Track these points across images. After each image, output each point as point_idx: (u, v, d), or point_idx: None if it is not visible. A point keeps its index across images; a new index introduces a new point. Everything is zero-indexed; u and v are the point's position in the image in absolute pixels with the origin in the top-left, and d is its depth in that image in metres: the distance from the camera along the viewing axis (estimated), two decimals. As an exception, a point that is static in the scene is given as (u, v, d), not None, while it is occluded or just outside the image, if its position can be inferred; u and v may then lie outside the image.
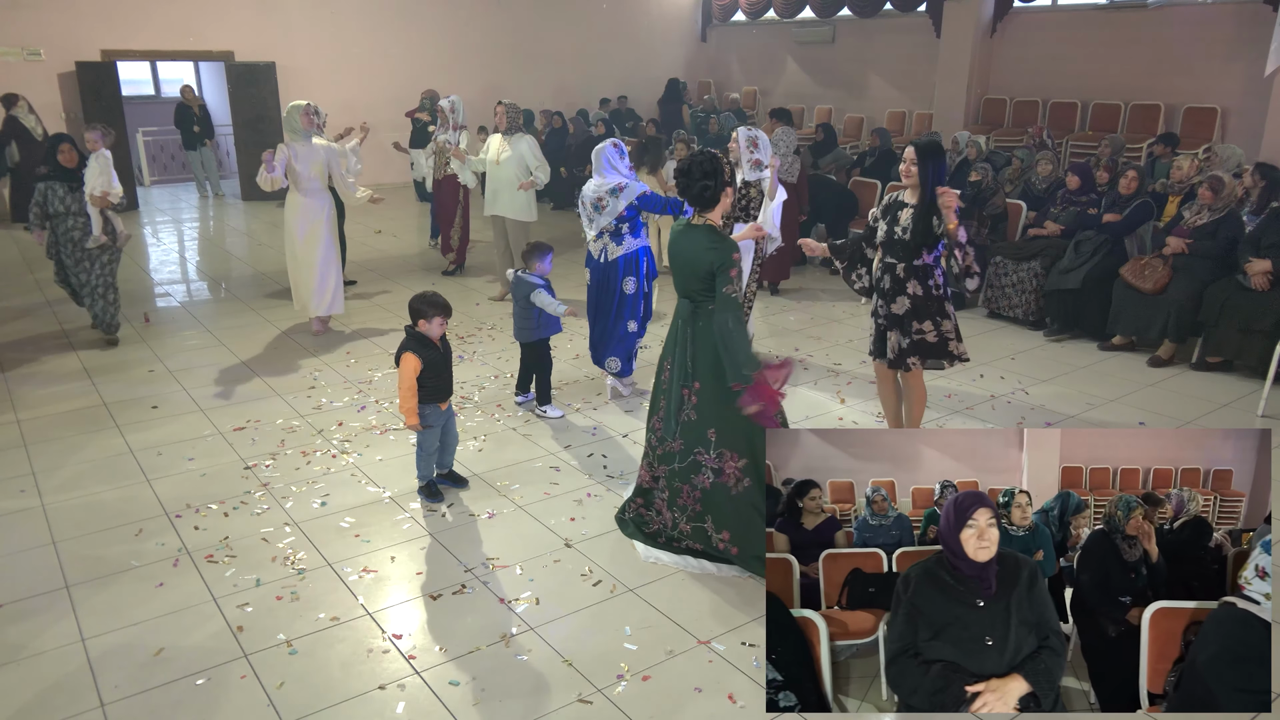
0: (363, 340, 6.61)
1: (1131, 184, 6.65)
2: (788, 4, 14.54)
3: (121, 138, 11.66)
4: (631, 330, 5.35)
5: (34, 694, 2.97)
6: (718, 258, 3.44)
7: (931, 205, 4.13)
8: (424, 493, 4.25)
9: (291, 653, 3.16)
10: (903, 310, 4.31)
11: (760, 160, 5.69)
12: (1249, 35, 9.71)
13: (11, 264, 8.90)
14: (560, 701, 2.93)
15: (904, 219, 4.23)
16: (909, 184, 4.24)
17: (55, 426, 5.07)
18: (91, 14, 11.28)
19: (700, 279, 3.52)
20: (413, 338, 4.05)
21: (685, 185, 3.54)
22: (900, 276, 4.29)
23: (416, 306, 4.06)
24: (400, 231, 10.77)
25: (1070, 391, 5.68)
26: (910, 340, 4.33)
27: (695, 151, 3.61)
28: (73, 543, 3.87)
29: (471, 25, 14.10)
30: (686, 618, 3.36)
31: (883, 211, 4.38)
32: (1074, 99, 11.33)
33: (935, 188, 4.11)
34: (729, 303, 3.43)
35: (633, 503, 3.97)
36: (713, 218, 3.58)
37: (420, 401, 4.04)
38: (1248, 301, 5.65)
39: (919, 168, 4.13)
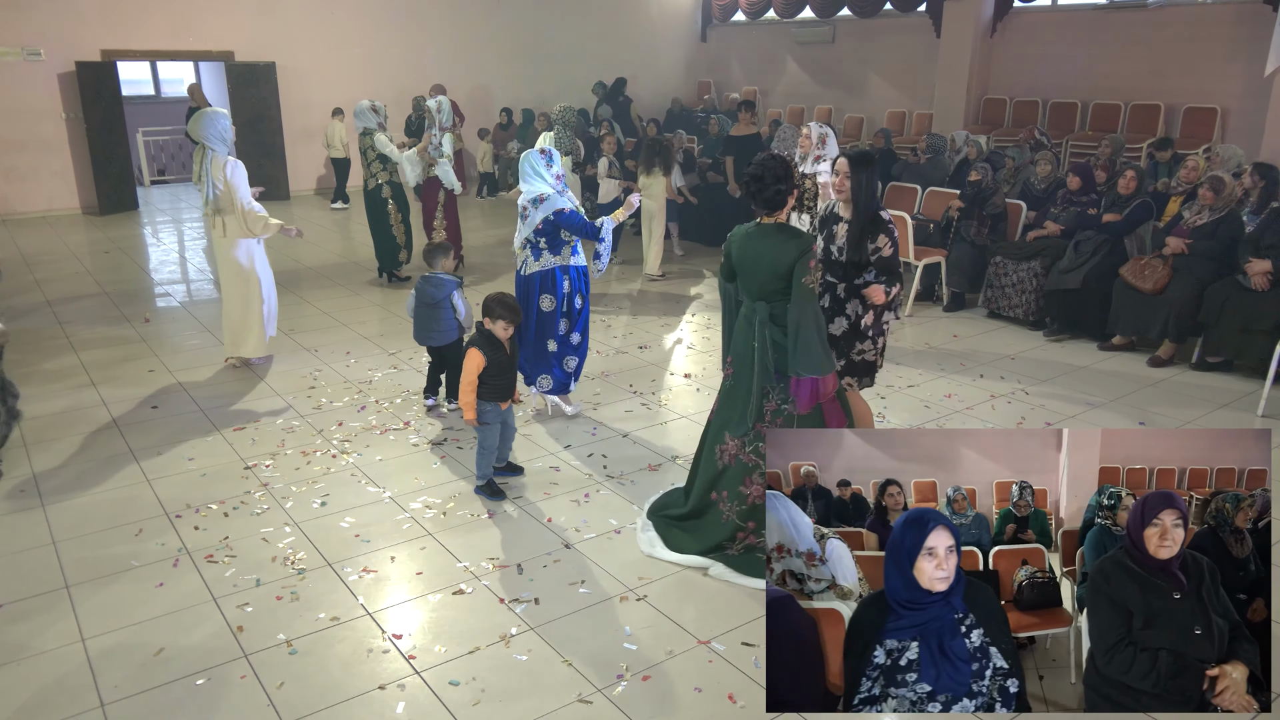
0: (363, 340, 6.61)
1: (1131, 184, 6.65)
2: (788, 4, 14.54)
3: (121, 138, 11.68)
4: (553, 350, 5.03)
5: (34, 694, 2.97)
6: (798, 248, 3.47)
7: (867, 224, 4.02)
8: (484, 491, 4.25)
9: (291, 653, 3.16)
10: (839, 331, 4.18)
11: (823, 155, 5.94)
12: (1249, 35, 9.71)
13: (11, 264, 8.90)
14: (560, 701, 2.93)
15: (839, 235, 4.12)
16: (841, 198, 4.12)
17: (55, 426, 5.07)
18: (91, 14, 11.28)
19: (780, 277, 3.52)
20: (482, 335, 4.08)
21: (758, 189, 3.54)
22: (840, 297, 4.16)
23: (488, 304, 4.09)
24: (400, 231, 10.76)
25: (1070, 391, 5.68)
26: (848, 360, 4.21)
27: (765, 155, 3.62)
28: (73, 543, 3.87)
29: (471, 25, 14.10)
30: (686, 618, 3.36)
31: (820, 224, 4.24)
32: (1074, 99, 11.33)
33: (867, 207, 4.01)
34: (808, 294, 3.46)
35: (741, 530, 3.72)
36: (779, 218, 3.62)
37: (480, 398, 4.08)
38: (1248, 301, 5.65)
39: (852, 180, 4.02)
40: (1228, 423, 5.22)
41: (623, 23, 15.68)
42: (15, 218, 11.23)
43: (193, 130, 5.62)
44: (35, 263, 8.93)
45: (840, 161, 4.08)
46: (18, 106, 11.02)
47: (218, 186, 5.54)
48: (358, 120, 7.68)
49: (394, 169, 7.93)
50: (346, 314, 7.31)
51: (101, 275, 8.48)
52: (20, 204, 11.35)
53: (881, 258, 4.03)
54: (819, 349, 3.47)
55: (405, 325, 6.96)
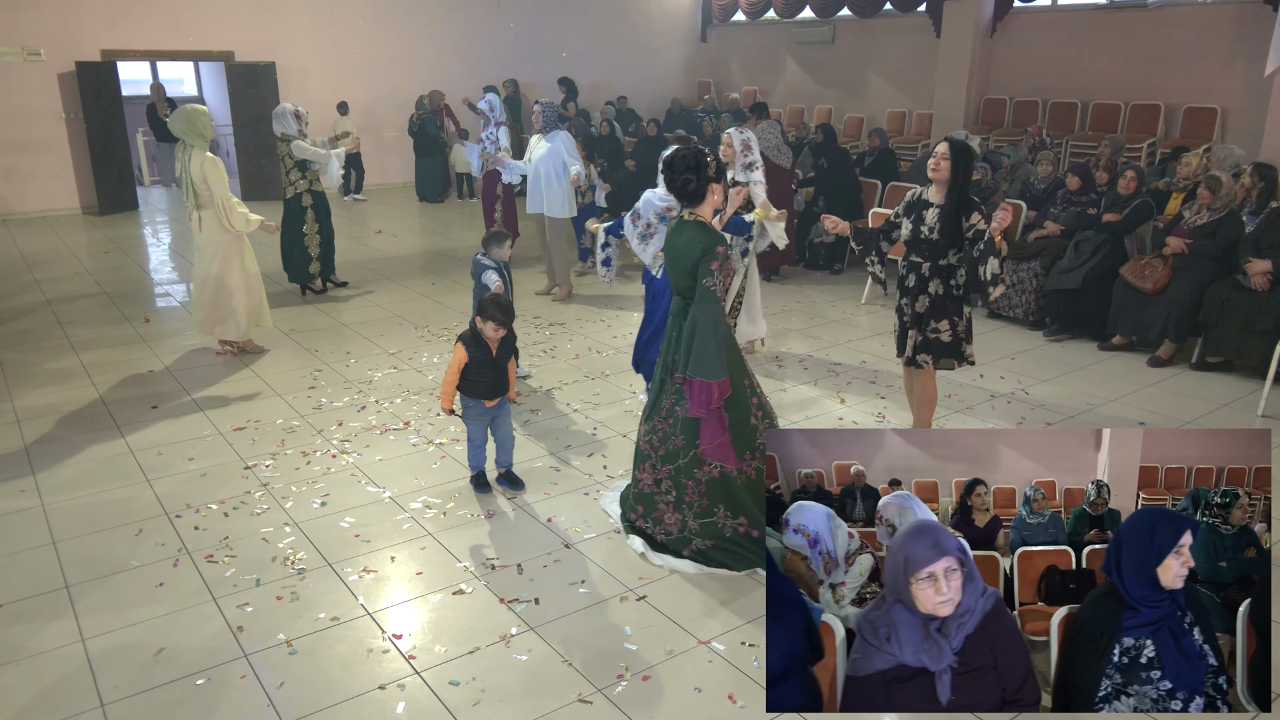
0: (362, 340, 6.61)
1: (1131, 184, 6.65)
2: (788, 4, 14.54)
3: (121, 138, 11.68)
4: None
5: (34, 694, 2.97)
6: (701, 246, 3.41)
7: (959, 206, 4.15)
8: (473, 483, 4.34)
9: (291, 653, 3.16)
10: (923, 309, 4.36)
11: (753, 162, 5.80)
12: (1249, 35, 9.71)
13: (12, 264, 8.90)
14: (560, 701, 2.93)
15: (929, 218, 4.25)
16: (937, 179, 4.22)
17: (55, 426, 5.07)
18: (91, 14, 11.28)
19: (689, 274, 3.49)
20: (471, 331, 4.10)
21: (669, 179, 3.53)
22: (925, 275, 4.33)
23: (482, 303, 4.08)
24: (400, 231, 10.77)
25: (1070, 391, 5.68)
26: (924, 338, 4.38)
27: (682, 147, 3.60)
28: (73, 543, 3.87)
29: (471, 25, 14.11)
30: (686, 618, 3.36)
31: (905, 210, 4.39)
32: (1074, 99, 11.33)
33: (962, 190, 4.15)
34: (707, 296, 3.42)
35: (633, 511, 3.91)
36: (702, 213, 3.56)
37: (463, 392, 4.13)
38: (1248, 301, 5.65)
39: (951, 164, 4.14)
40: (1228, 423, 5.22)
41: (623, 22, 15.68)
42: (15, 218, 11.23)
43: (173, 126, 5.73)
44: (35, 263, 8.93)
45: (941, 146, 4.21)
46: (18, 106, 11.02)
47: (195, 182, 5.67)
48: (276, 124, 7.23)
49: (314, 177, 7.46)
50: (347, 313, 7.31)
51: (101, 275, 8.48)
52: (20, 204, 11.34)
53: (977, 231, 4.16)
54: (713, 352, 3.39)
55: (405, 325, 6.97)
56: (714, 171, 3.52)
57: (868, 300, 7.74)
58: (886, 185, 8.98)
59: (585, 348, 6.47)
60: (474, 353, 4.05)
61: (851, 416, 5.28)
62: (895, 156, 9.81)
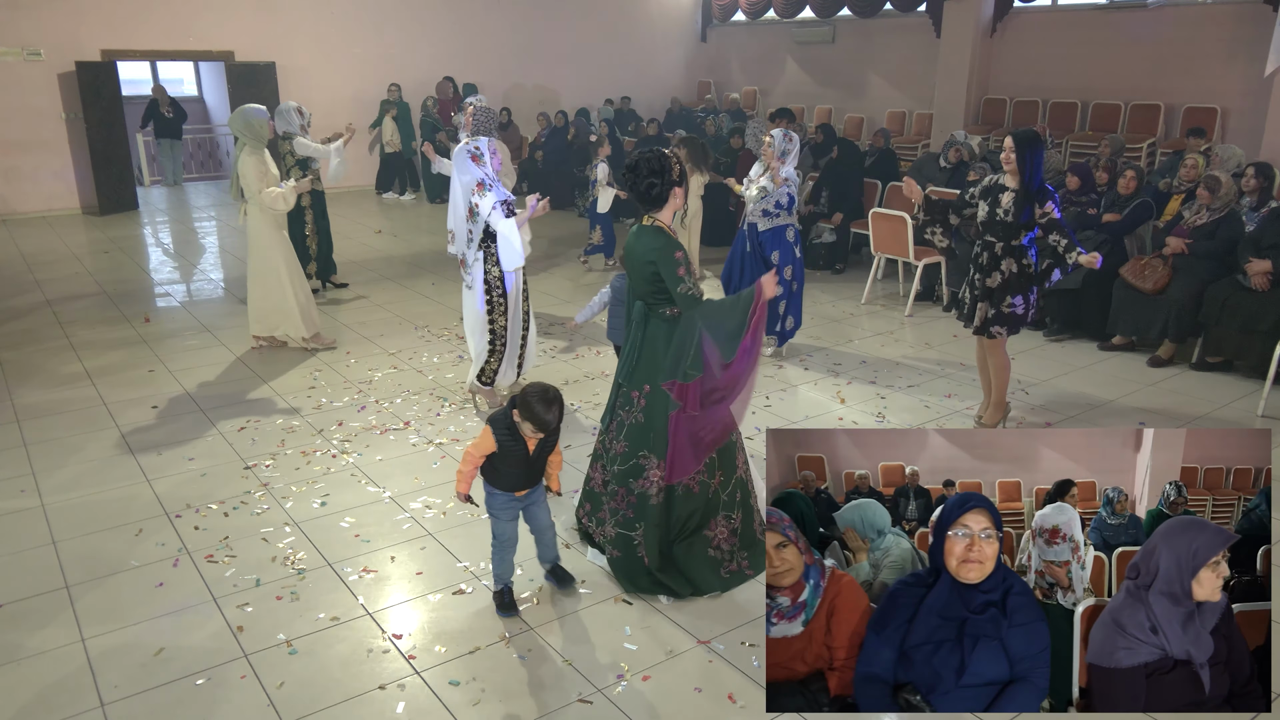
0: (363, 340, 6.61)
1: (1131, 184, 6.65)
2: (788, 4, 14.54)
3: (121, 138, 11.67)
4: None
5: (34, 694, 2.97)
6: (654, 250, 3.33)
7: (1034, 192, 4.56)
8: (496, 601, 3.43)
9: (291, 653, 3.16)
10: (995, 284, 4.76)
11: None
12: (1249, 35, 9.71)
13: (12, 264, 8.90)
14: (560, 701, 2.93)
15: (1005, 202, 4.66)
16: (1009, 169, 4.64)
17: (55, 426, 5.07)
18: (91, 14, 11.28)
19: (648, 280, 3.40)
20: (505, 418, 3.23)
21: (632, 183, 3.43)
22: (997, 254, 4.74)
23: (522, 398, 3.17)
24: (400, 231, 10.76)
25: (1070, 391, 5.68)
26: (997, 311, 4.79)
27: (646, 149, 3.51)
28: (73, 543, 3.88)
29: (471, 25, 14.10)
30: (686, 618, 3.36)
31: (982, 193, 4.81)
32: (1074, 99, 11.33)
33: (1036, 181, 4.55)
34: (689, 301, 3.33)
35: (581, 508, 3.91)
36: (662, 218, 3.47)
37: (488, 481, 3.32)
38: (1248, 301, 5.65)
39: (1017, 155, 4.55)
40: (1228, 423, 5.22)
41: (623, 22, 15.67)
42: (15, 218, 11.23)
43: (232, 126, 6.13)
44: (35, 263, 8.93)
45: (1007, 140, 4.63)
46: (18, 106, 11.01)
47: (241, 176, 5.97)
48: (278, 121, 7.12)
49: (314, 175, 7.37)
50: (347, 313, 7.31)
51: (101, 275, 8.48)
52: (20, 204, 11.34)
53: (1051, 220, 4.57)
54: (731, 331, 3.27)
55: (405, 325, 6.97)
56: (677, 175, 3.44)
57: (868, 300, 7.74)
58: (886, 185, 8.98)
59: (585, 347, 6.47)
60: (505, 442, 3.21)
61: (851, 416, 5.28)
62: (895, 157, 9.81)
